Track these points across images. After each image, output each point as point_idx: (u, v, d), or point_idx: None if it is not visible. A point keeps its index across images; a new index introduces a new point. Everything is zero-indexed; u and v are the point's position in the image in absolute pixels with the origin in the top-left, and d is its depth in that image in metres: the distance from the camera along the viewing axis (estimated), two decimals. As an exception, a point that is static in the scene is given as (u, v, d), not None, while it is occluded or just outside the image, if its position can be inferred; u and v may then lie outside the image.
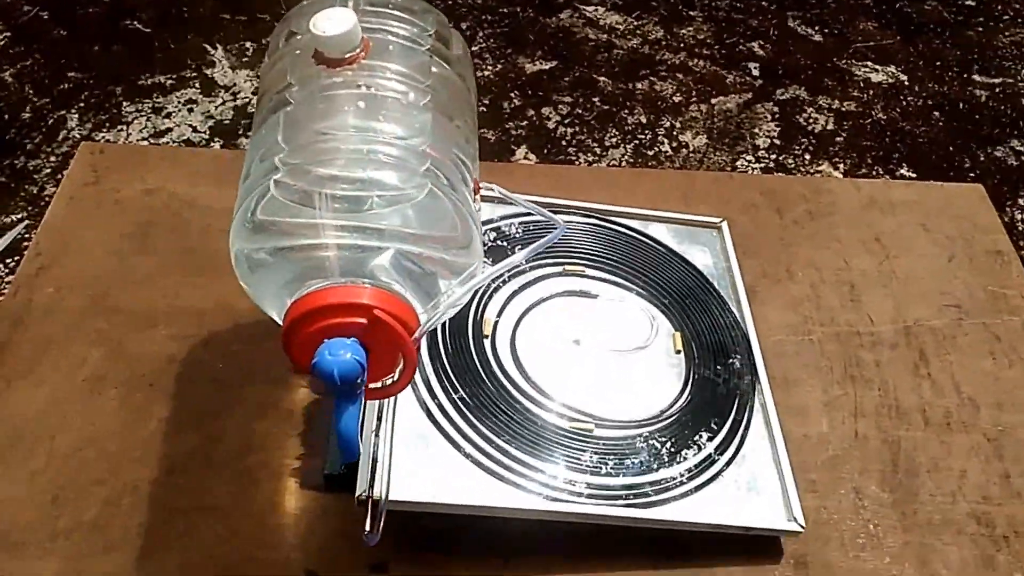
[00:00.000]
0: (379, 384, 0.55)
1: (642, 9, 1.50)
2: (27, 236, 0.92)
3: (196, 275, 0.88)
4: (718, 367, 0.78)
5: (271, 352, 0.81)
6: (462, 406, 0.69)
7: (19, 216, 1.11)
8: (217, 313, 0.85)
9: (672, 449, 0.71)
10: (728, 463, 0.72)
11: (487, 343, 0.75)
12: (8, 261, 1.17)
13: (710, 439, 0.72)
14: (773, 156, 1.26)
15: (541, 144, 1.26)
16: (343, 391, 0.49)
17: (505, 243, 0.83)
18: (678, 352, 0.78)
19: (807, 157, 1.28)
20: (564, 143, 1.26)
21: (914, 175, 1.26)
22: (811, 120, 1.36)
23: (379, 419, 0.68)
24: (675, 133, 1.29)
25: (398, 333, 0.50)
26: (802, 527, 0.68)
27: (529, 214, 0.86)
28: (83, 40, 1.39)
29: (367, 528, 0.61)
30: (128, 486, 0.71)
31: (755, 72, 1.42)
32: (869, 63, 1.41)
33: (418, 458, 0.66)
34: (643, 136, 1.28)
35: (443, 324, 0.75)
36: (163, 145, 1.19)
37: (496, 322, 0.77)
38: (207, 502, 0.71)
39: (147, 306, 0.85)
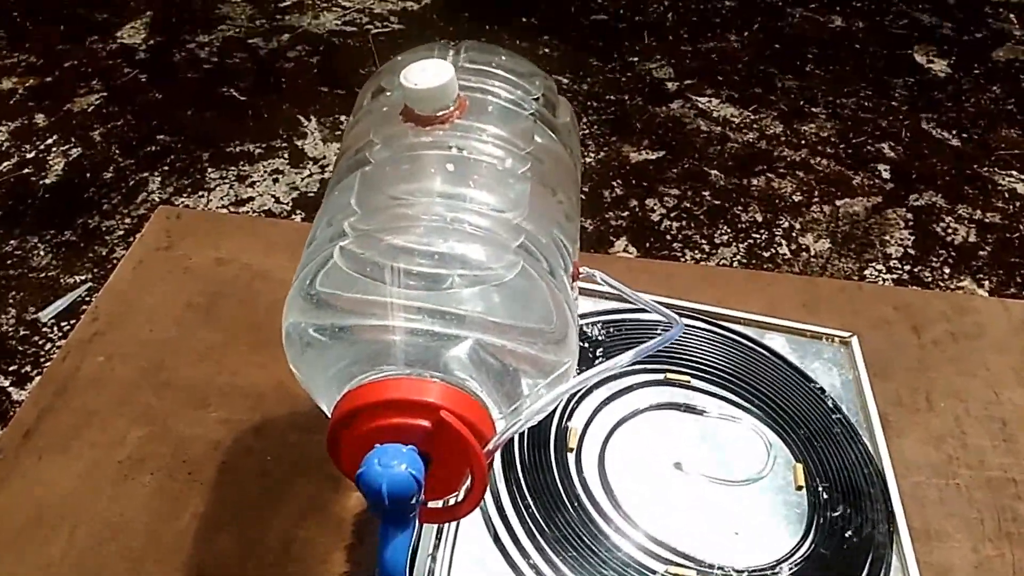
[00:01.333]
0: (439, 504, 0.45)
1: (759, 103, 1.41)
2: (87, 299, 0.87)
3: (258, 352, 0.80)
4: (848, 510, 0.65)
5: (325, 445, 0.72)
6: (537, 534, 0.58)
7: (83, 278, 1.07)
8: (275, 397, 0.77)
9: (789, 609, 0.58)
10: (859, 634, 0.58)
11: (571, 458, 0.64)
12: (64, 325, 1.13)
13: (837, 601, 0.59)
14: (907, 267, 1.13)
15: (643, 237, 1.16)
16: (392, 511, 0.39)
17: (586, 344, 0.72)
18: (799, 489, 0.66)
19: (946, 271, 1.15)
20: (669, 237, 1.16)
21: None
22: (950, 231, 1.23)
23: (438, 539, 0.57)
24: (794, 235, 1.18)
25: (468, 443, 0.40)
26: None
27: (617, 312, 0.76)
28: (177, 104, 1.38)
29: None
30: (148, 591, 0.62)
31: (885, 175, 1.30)
32: (1014, 172, 1.28)
33: (480, 594, 0.55)
34: (758, 235, 1.18)
35: (517, 438, 0.65)
36: (242, 214, 1.15)
37: (583, 434, 0.66)
38: (234, 619, 0.61)
39: (201, 382, 0.77)
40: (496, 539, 0.58)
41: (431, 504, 0.44)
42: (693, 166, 1.28)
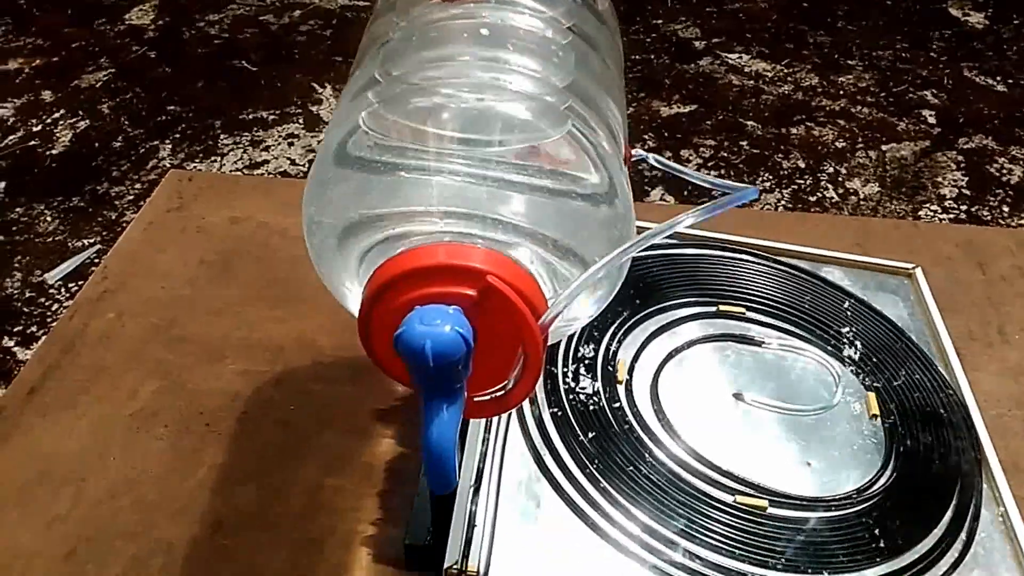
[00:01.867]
0: (486, 396, 0.39)
1: (792, 57, 1.35)
2: (95, 261, 0.81)
3: (278, 307, 0.75)
4: (929, 439, 0.59)
5: (354, 396, 0.67)
6: (588, 462, 0.53)
7: (91, 241, 1.02)
8: (296, 349, 0.71)
9: (874, 543, 0.52)
10: (954, 566, 0.52)
11: (621, 390, 0.59)
12: (72, 286, 1.07)
13: (927, 531, 0.53)
14: (964, 207, 1.07)
15: (680, 185, 1.11)
16: (438, 380, 0.33)
17: (640, 285, 0.67)
18: (873, 417, 0.60)
19: (1005, 209, 1.09)
20: (707, 186, 1.10)
21: None
22: (1005, 171, 1.17)
23: (479, 473, 0.51)
24: (840, 179, 1.12)
25: (518, 311, 0.34)
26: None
27: (669, 248, 0.71)
28: (188, 78, 1.34)
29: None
30: (162, 544, 0.57)
31: (931, 119, 1.24)
32: (1067, 114, 1.22)
33: (528, 525, 0.49)
34: (802, 181, 1.12)
35: (563, 360, 0.60)
36: (256, 176, 1.10)
37: (632, 366, 0.61)
38: (257, 571, 0.55)
39: (218, 337, 0.72)
40: (543, 468, 0.52)
41: (477, 397, 0.39)
42: (728, 117, 1.22)
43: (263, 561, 0.56)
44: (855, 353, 0.64)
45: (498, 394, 0.38)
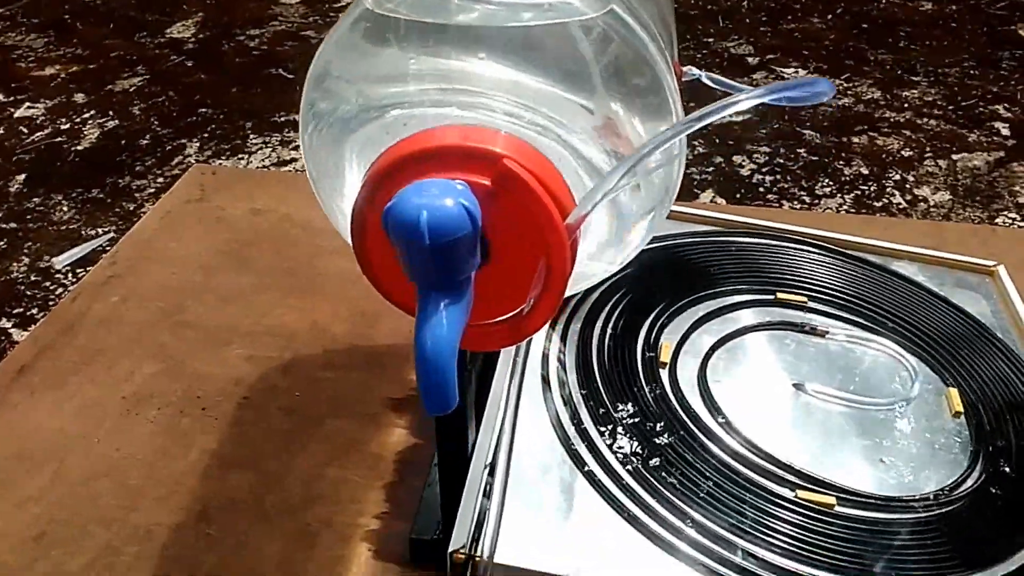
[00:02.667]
0: (502, 319, 0.32)
1: (853, 72, 1.29)
2: (107, 249, 0.77)
3: (292, 296, 0.70)
4: (1021, 441, 0.50)
5: (366, 384, 0.61)
6: (622, 438, 0.45)
7: (105, 229, 0.97)
8: (308, 337, 0.66)
9: (960, 551, 0.44)
10: (1061, 584, 0.43)
11: (664, 374, 0.51)
12: (80, 271, 1.01)
13: (1021, 543, 0.45)
14: None
15: (732, 189, 1.03)
16: (436, 266, 0.27)
17: (692, 273, 0.61)
18: (957, 415, 0.51)
19: None
20: (762, 190, 1.01)
21: None
22: None
23: (495, 448, 0.44)
24: (908, 186, 1.03)
25: (540, 203, 0.28)
26: None
27: (720, 235, 0.64)
28: (223, 84, 1.31)
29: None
30: (140, 531, 0.51)
31: (1004, 131, 1.16)
32: None
33: (547, 509, 0.42)
34: (866, 187, 1.04)
35: (595, 333, 0.53)
36: (283, 172, 1.05)
37: (677, 350, 0.53)
38: (244, 564, 0.49)
39: (225, 323, 0.67)
40: (567, 445, 0.45)
41: (490, 321, 0.32)
42: (784, 125, 1.15)
43: (251, 552, 0.49)
44: (933, 347, 0.56)
45: (515, 318, 0.32)
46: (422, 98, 0.32)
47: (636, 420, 0.47)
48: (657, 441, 0.46)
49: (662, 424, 0.47)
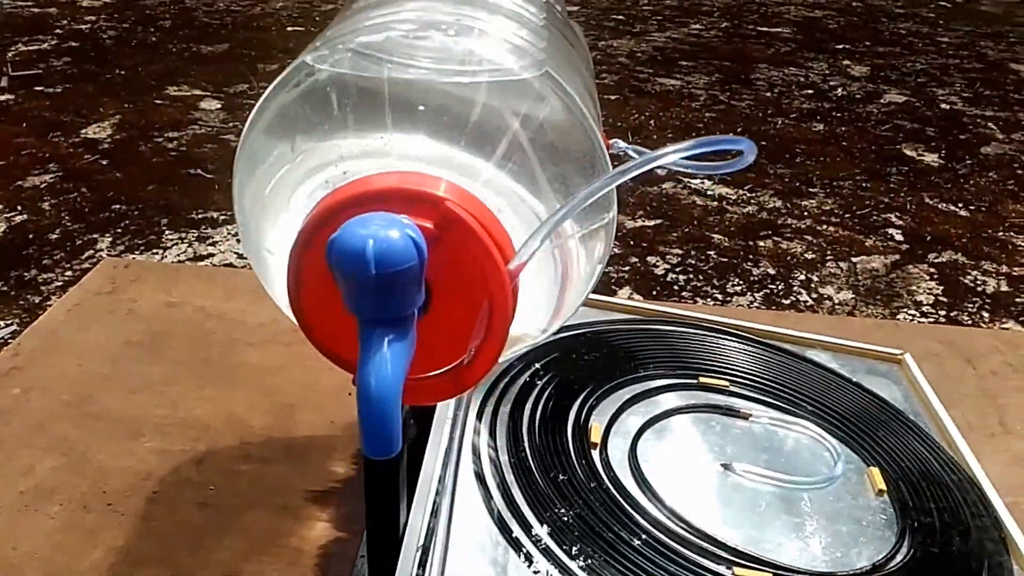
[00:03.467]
0: (443, 370, 0.32)
1: (754, 184, 1.34)
2: (8, 342, 0.73)
3: (207, 386, 0.67)
4: (945, 516, 0.51)
5: (286, 476, 0.59)
6: (558, 531, 0.44)
7: (7, 322, 0.91)
8: (224, 429, 0.63)
9: (897, 626, 0.44)
10: (994, 655, 0.43)
11: (595, 454, 0.51)
12: None
13: (956, 615, 0.45)
14: (942, 312, 1.02)
15: (649, 286, 1.05)
16: (381, 299, 0.26)
17: (619, 356, 0.61)
18: (880, 492, 0.52)
19: (985, 315, 1.05)
20: (676, 287, 1.03)
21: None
22: (979, 282, 1.13)
23: (428, 533, 0.43)
24: (813, 286, 1.07)
25: (483, 246, 0.28)
26: None
27: (645, 323, 0.65)
28: (138, 181, 1.27)
29: None
30: (36, 634, 0.46)
31: (898, 237, 1.22)
32: (1034, 237, 1.20)
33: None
34: (774, 286, 1.07)
35: (525, 415, 0.52)
36: (200, 266, 1.02)
37: (607, 431, 0.53)
38: (150, 668, 0.45)
39: (134, 415, 0.64)
40: (506, 533, 0.44)
41: (431, 374, 0.32)
42: (694, 230, 1.18)
43: (159, 655, 0.45)
44: (851, 429, 0.58)
45: (456, 369, 0.31)
46: (363, 149, 0.33)
47: (571, 503, 0.46)
48: (591, 522, 0.45)
49: (597, 504, 0.47)
